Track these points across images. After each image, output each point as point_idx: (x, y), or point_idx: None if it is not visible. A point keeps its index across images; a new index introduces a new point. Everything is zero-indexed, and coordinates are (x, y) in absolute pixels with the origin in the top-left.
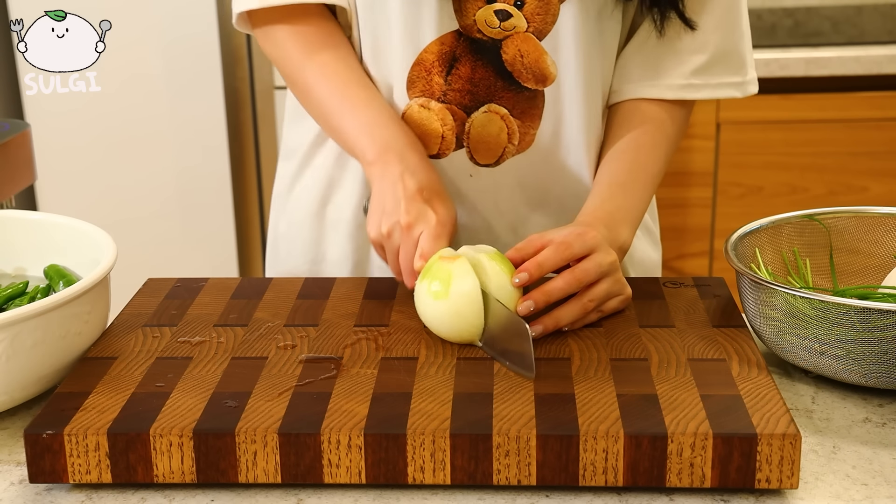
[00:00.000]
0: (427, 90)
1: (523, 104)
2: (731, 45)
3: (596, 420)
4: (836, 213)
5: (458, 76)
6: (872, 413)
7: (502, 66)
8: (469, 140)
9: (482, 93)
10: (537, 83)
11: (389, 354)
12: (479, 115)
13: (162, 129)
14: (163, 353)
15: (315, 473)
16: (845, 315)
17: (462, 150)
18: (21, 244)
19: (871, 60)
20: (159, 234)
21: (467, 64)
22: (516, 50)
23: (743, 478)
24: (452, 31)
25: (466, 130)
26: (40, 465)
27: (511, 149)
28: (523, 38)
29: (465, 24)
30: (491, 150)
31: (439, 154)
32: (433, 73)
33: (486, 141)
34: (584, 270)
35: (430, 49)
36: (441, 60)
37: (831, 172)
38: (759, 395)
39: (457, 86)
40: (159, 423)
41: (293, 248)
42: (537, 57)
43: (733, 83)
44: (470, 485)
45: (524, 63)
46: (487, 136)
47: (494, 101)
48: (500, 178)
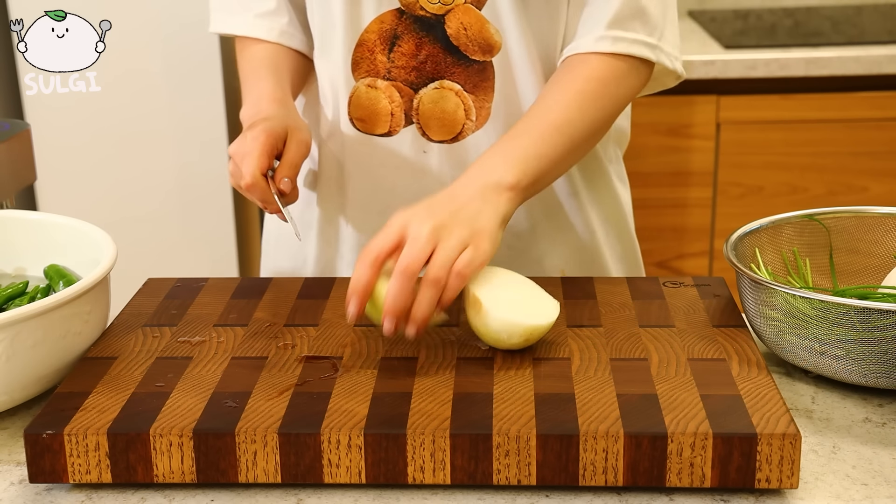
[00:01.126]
0: (372, 70)
1: (475, 77)
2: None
3: (596, 420)
4: (837, 213)
5: (402, 53)
6: (872, 413)
7: (448, 40)
8: (419, 116)
9: (429, 69)
10: (484, 54)
11: (389, 354)
12: (430, 92)
13: (162, 128)
14: (163, 353)
15: (315, 473)
16: (845, 315)
17: (412, 127)
18: (21, 244)
19: (871, 60)
20: (159, 234)
21: (411, 41)
22: (459, 23)
23: (743, 478)
24: (392, 10)
25: (415, 107)
26: (40, 465)
27: (470, 125)
28: (464, 10)
29: (408, 2)
30: (446, 126)
31: (390, 132)
32: (375, 52)
33: (440, 118)
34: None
35: (371, 29)
36: (382, 39)
37: (831, 172)
38: (759, 394)
39: (400, 63)
40: (159, 423)
41: (280, 248)
42: (480, 27)
43: (647, 43)
44: (470, 485)
45: (468, 35)
46: (441, 113)
47: (445, 77)
48: (461, 154)
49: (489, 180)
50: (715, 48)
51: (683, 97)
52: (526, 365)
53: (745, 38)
